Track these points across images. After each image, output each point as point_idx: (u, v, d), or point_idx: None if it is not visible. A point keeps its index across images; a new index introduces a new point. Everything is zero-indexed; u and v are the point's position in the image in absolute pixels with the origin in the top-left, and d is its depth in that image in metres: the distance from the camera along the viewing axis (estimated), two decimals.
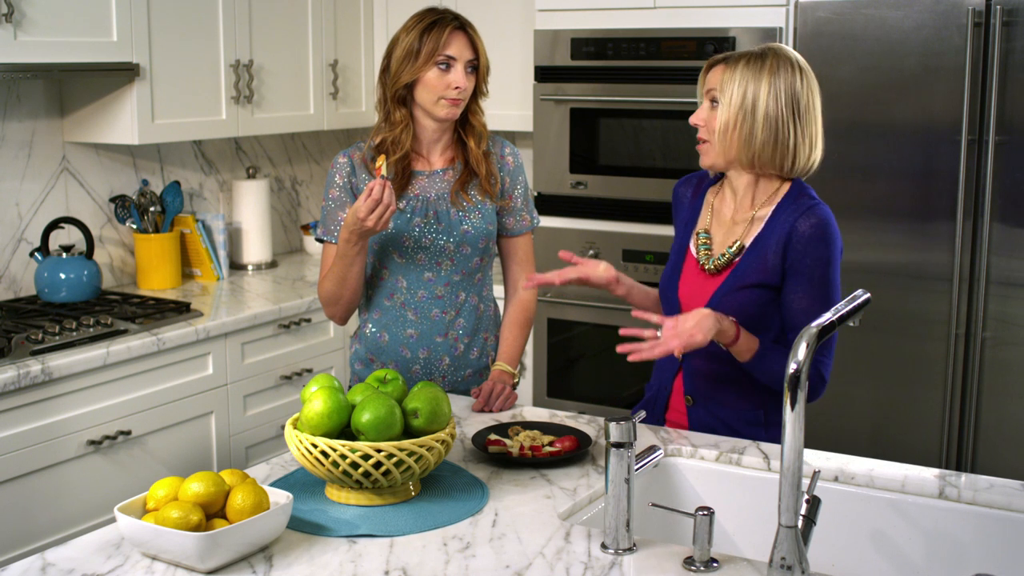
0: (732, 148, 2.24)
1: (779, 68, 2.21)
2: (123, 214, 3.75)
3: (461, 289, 2.58)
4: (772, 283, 2.23)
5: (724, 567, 1.68)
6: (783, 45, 2.29)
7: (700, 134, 2.29)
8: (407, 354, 2.57)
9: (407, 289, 2.56)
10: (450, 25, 2.47)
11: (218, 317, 3.41)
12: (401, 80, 2.48)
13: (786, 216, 2.24)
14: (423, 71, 2.46)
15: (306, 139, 4.62)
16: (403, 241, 2.52)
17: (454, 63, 2.46)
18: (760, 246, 2.25)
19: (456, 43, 2.46)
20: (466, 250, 2.55)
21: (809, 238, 2.20)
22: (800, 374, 1.51)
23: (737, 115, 2.21)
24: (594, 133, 3.88)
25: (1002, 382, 3.31)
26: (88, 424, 3.00)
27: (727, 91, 2.22)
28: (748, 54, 2.24)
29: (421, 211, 2.53)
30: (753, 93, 2.20)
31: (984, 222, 3.25)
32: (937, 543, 1.97)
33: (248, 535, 1.68)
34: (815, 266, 2.21)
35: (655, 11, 3.70)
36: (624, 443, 1.71)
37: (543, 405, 3.80)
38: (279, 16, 4.03)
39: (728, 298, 2.24)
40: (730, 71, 2.23)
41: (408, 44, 2.47)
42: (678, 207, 2.46)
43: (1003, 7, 3.16)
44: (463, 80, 2.46)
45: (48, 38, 3.17)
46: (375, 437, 1.86)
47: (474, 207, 2.55)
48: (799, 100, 2.21)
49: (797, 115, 2.21)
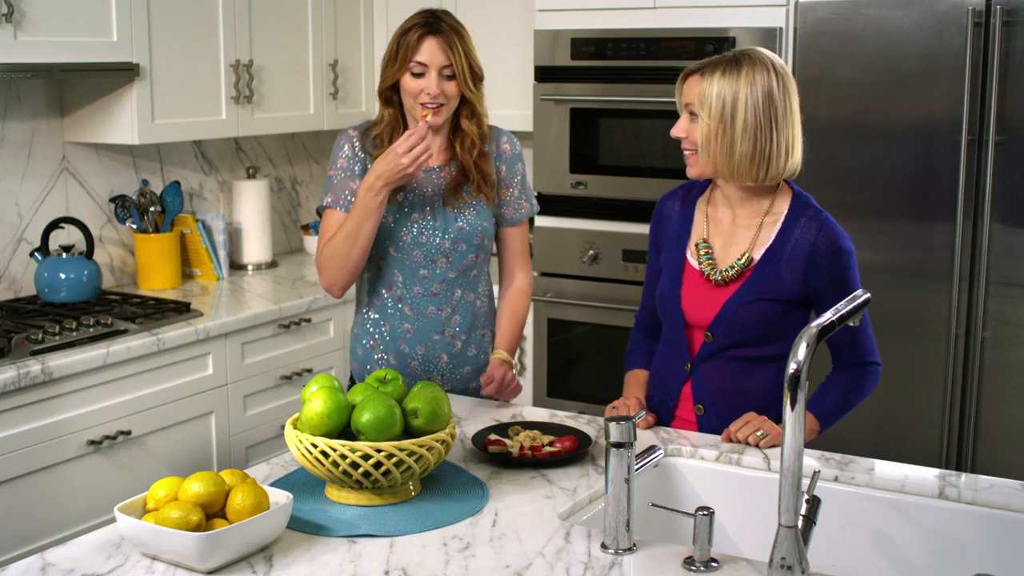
0: (715, 159, 2.23)
1: (755, 74, 2.19)
2: (123, 214, 3.75)
3: (457, 286, 2.58)
4: (787, 298, 2.24)
5: (724, 567, 1.68)
6: (758, 48, 2.27)
7: (684, 145, 2.29)
8: (405, 348, 2.57)
9: (403, 284, 2.56)
10: (422, 31, 2.46)
11: (218, 317, 3.41)
12: (385, 82, 2.53)
13: (800, 232, 2.24)
14: (400, 75, 2.49)
15: (306, 139, 4.62)
16: (400, 236, 2.52)
17: (426, 69, 2.46)
18: (773, 259, 2.25)
19: (426, 50, 2.46)
20: (461, 247, 2.55)
21: (834, 256, 2.23)
22: (800, 374, 1.51)
23: (717, 127, 2.20)
24: (594, 133, 3.88)
25: (1002, 382, 3.31)
26: (88, 424, 3.00)
27: (705, 103, 2.21)
28: (722, 62, 2.22)
29: (419, 206, 2.53)
30: (732, 104, 2.19)
31: (984, 222, 3.25)
32: (937, 543, 1.97)
33: (248, 535, 1.68)
34: (844, 276, 2.24)
35: (655, 11, 3.70)
36: (624, 443, 1.71)
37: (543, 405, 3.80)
38: (279, 16, 4.03)
39: (744, 309, 2.24)
40: (707, 81, 2.21)
41: (390, 47, 2.51)
42: (665, 222, 2.42)
43: (1003, 7, 3.16)
44: (434, 86, 2.45)
45: (48, 38, 3.17)
46: (375, 437, 1.86)
47: (469, 204, 2.56)
48: (777, 106, 2.20)
49: (775, 121, 2.20)
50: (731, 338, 2.26)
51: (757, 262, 2.26)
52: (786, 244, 2.25)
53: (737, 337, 2.25)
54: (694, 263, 2.32)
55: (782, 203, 2.29)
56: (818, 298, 2.26)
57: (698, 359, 2.30)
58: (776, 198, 2.29)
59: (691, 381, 2.33)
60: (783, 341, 2.26)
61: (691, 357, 2.32)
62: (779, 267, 2.24)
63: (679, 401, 2.35)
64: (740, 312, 2.24)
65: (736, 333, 2.25)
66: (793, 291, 2.24)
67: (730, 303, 2.25)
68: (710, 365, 2.30)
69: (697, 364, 2.31)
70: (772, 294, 2.24)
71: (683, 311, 2.31)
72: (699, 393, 2.31)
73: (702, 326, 2.29)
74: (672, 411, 2.36)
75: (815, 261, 2.23)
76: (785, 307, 2.25)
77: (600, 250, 3.87)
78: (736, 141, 2.19)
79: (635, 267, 3.81)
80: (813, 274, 2.23)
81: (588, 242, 3.89)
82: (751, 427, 2.19)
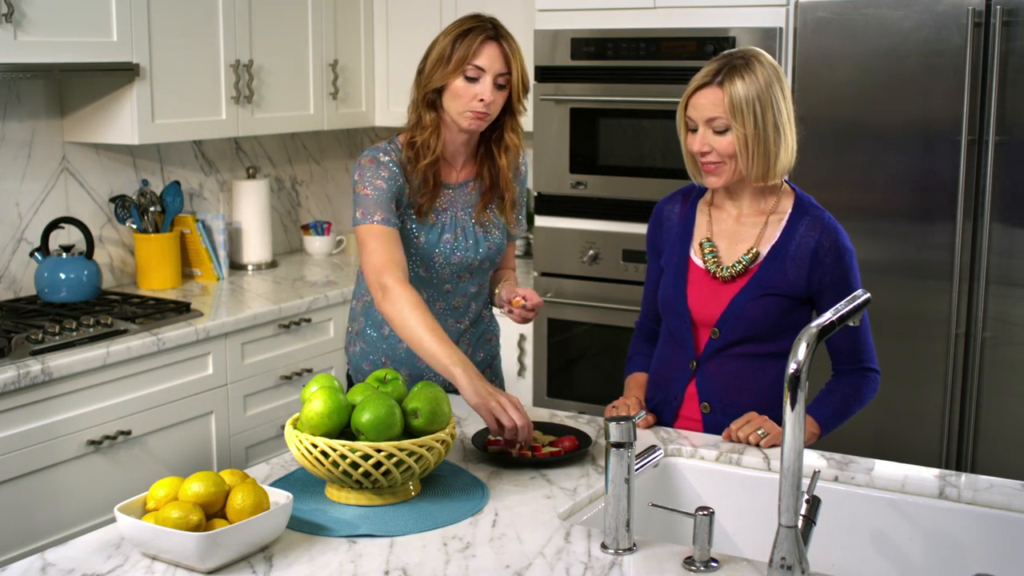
0: (754, 164, 2.23)
1: (765, 72, 2.21)
2: (123, 214, 3.75)
3: (474, 300, 2.60)
4: (793, 294, 2.26)
5: (724, 567, 1.68)
6: (750, 47, 2.28)
7: (709, 158, 2.25)
8: (422, 364, 2.53)
9: (427, 302, 2.54)
10: (484, 34, 2.40)
11: (218, 317, 3.41)
12: (431, 84, 2.42)
13: (804, 230, 2.26)
14: (452, 78, 2.39)
15: (306, 139, 4.62)
16: (433, 257, 2.50)
17: (482, 75, 2.38)
18: (779, 256, 2.26)
19: (487, 54, 2.39)
20: (487, 265, 2.57)
21: (836, 254, 2.25)
22: (800, 374, 1.51)
23: (754, 132, 2.20)
24: (594, 133, 3.88)
25: (1002, 382, 3.31)
26: (88, 424, 3.00)
27: (738, 112, 2.19)
28: (734, 69, 2.20)
29: (451, 227, 2.51)
30: (761, 106, 2.19)
31: (984, 222, 3.25)
32: (937, 543, 1.97)
33: (248, 535, 1.68)
34: (846, 275, 2.25)
35: (655, 11, 3.70)
36: (624, 443, 1.71)
37: (543, 405, 3.80)
38: (279, 16, 4.03)
39: (751, 304, 2.25)
40: (732, 90, 2.19)
41: (442, 48, 2.41)
42: (665, 224, 2.42)
43: (1003, 7, 3.16)
44: (489, 93, 2.39)
45: (48, 38, 3.17)
46: (375, 437, 1.86)
47: (493, 224, 2.56)
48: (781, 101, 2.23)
49: (788, 116, 2.24)
50: (737, 334, 2.26)
51: (763, 258, 2.27)
52: (791, 241, 2.26)
53: (743, 333, 2.26)
54: (698, 261, 2.33)
55: (786, 202, 2.31)
56: (819, 296, 2.26)
57: (703, 357, 2.31)
58: (780, 197, 2.31)
59: (696, 380, 2.33)
60: (788, 338, 2.26)
61: (696, 355, 2.32)
62: (784, 263, 2.25)
63: (684, 400, 2.35)
64: (747, 308, 2.25)
65: (743, 329, 2.26)
66: (798, 287, 2.25)
67: (737, 299, 2.26)
68: (715, 363, 2.30)
69: (702, 362, 2.31)
70: (778, 289, 2.25)
71: (689, 309, 2.31)
72: (704, 391, 2.31)
73: (708, 323, 2.29)
74: (676, 410, 2.36)
75: (819, 259, 2.24)
76: (791, 303, 2.26)
77: (600, 250, 3.87)
78: (770, 142, 2.21)
79: (635, 267, 3.81)
80: (816, 272, 2.24)
81: (588, 242, 3.89)
82: (752, 426, 2.19)
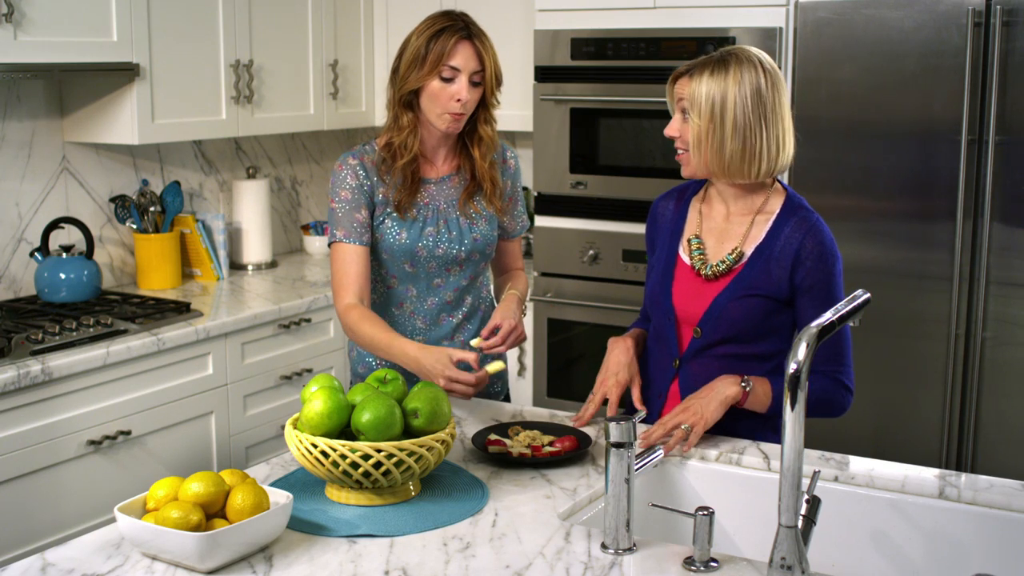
0: (706, 158, 2.24)
1: (743, 73, 2.20)
2: (123, 214, 3.75)
3: (467, 293, 2.59)
4: (777, 296, 2.24)
5: (724, 567, 1.68)
6: (745, 46, 2.28)
7: (677, 144, 2.29)
8: None
9: (416, 297, 2.55)
10: (457, 34, 2.41)
11: (218, 317, 3.41)
12: (407, 86, 2.44)
13: (790, 231, 2.25)
14: (427, 80, 2.41)
15: (306, 139, 4.62)
16: (417, 251, 2.50)
17: (458, 75, 2.40)
18: (763, 256, 2.25)
19: (461, 53, 2.41)
20: (475, 257, 2.56)
21: (819, 256, 2.22)
22: (800, 374, 1.51)
23: (708, 126, 2.21)
24: (594, 133, 3.88)
25: (1002, 382, 3.31)
26: (88, 424, 3.00)
27: (695, 103, 2.22)
28: (710, 62, 2.23)
29: (433, 220, 2.51)
30: (720, 103, 2.20)
31: (984, 222, 3.25)
32: (937, 543, 1.97)
33: (248, 535, 1.68)
34: (827, 281, 2.23)
35: (655, 11, 3.70)
36: (624, 443, 1.71)
37: (543, 405, 3.80)
38: (279, 16, 4.03)
39: (733, 304, 2.24)
40: (696, 82, 2.22)
41: (415, 49, 2.42)
42: (660, 220, 2.43)
43: (1003, 7, 3.16)
44: (465, 92, 2.41)
45: (48, 38, 3.17)
46: (375, 437, 1.86)
47: (480, 215, 2.55)
48: (765, 103, 2.21)
49: (764, 118, 2.21)
50: (719, 334, 2.26)
51: (747, 258, 2.26)
52: (776, 242, 2.25)
53: (725, 333, 2.25)
54: (685, 258, 2.33)
55: (775, 202, 2.30)
56: (799, 298, 2.24)
57: (686, 356, 2.31)
58: (769, 196, 2.30)
59: (679, 378, 2.33)
60: (769, 340, 2.26)
61: (679, 354, 2.32)
62: (768, 264, 2.24)
63: (667, 399, 2.35)
64: (729, 308, 2.24)
65: (724, 329, 2.25)
66: (781, 289, 2.24)
67: (720, 298, 2.26)
68: (698, 363, 2.30)
69: (685, 361, 2.31)
70: (761, 290, 2.24)
71: (674, 306, 2.32)
72: (686, 390, 2.31)
73: (691, 322, 2.29)
74: (661, 409, 2.36)
75: (801, 260, 2.22)
76: (773, 305, 2.24)
77: (600, 250, 3.87)
78: (726, 140, 2.21)
79: (635, 267, 3.81)
80: (798, 273, 2.23)
81: (588, 242, 3.89)
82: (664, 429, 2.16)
